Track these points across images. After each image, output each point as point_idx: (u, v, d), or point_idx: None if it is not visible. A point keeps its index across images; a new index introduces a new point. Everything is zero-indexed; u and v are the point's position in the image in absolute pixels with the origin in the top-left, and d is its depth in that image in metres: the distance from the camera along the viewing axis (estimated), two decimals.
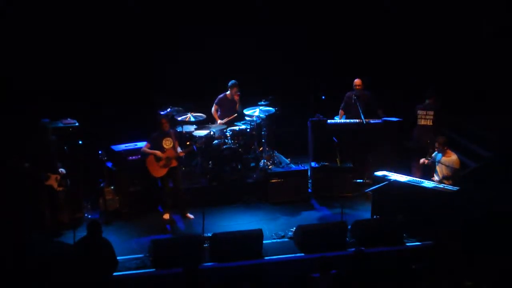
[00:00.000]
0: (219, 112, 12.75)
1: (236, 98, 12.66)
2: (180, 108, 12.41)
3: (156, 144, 11.09)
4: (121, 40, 13.13)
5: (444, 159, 11.13)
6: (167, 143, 11.11)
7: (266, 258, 9.98)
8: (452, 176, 11.08)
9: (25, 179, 10.28)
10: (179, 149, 11.25)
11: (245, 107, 12.68)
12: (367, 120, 12.46)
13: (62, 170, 10.48)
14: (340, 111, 12.98)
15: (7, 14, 12.30)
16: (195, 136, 12.16)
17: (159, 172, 11.08)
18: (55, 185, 10.39)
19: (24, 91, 12.28)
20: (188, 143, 12.00)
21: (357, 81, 12.75)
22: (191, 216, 11.25)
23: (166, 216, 11.23)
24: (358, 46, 14.46)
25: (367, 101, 12.75)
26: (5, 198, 10.39)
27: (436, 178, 11.19)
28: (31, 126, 10.62)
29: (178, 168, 11.27)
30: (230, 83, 12.62)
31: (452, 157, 11.14)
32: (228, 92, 12.68)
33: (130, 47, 13.25)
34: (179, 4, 13.48)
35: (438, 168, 11.20)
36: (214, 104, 12.74)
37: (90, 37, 12.89)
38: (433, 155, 11.33)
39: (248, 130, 12.53)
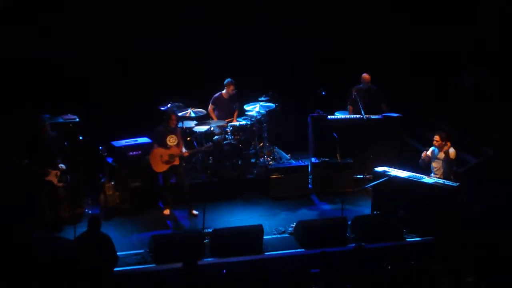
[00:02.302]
0: (216, 112, 12.67)
1: (231, 93, 12.49)
2: (181, 104, 12.38)
3: (159, 139, 11.07)
4: (120, 35, 13.10)
5: (441, 154, 11.05)
6: (171, 140, 11.06)
7: (266, 253, 10.01)
8: (450, 168, 11.02)
9: (25, 175, 10.28)
10: (184, 150, 11.23)
11: (245, 103, 12.67)
12: (367, 115, 12.44)
13: (62, 165, 10.47)
14: (349, 107, 12.87)
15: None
16: (195, 132, 12.16)
17: (160, 167, 11.05)
18: (55, 180, 10.38)
19: (25, 87, 12.29)
20: (188, 138, 12.00)
21: (365, 75, 12.70)
22: (196, 213, 11.18)
23: (167, 212, 11.24)
24: (359, 41, 14.45)
25: (374, 96, 12.71)
26: (5, 195, 10.39)
27: (433, 175, 11.12)
28: (30, 122, 10.60)
29: (180, 166, 11.21)
30: (226, 81, 12.53)
31: (449, 150, 11.05)
32: (224, 91, 12.60)
33: (131, 43, 13.22)
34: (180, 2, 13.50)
35: (434, 164, 11.15)
36: (210, 104, 12.66)
37: (91, 32, 12.86)
38: (430, 151, 11.24)
39: (248, 125, 12.52)
